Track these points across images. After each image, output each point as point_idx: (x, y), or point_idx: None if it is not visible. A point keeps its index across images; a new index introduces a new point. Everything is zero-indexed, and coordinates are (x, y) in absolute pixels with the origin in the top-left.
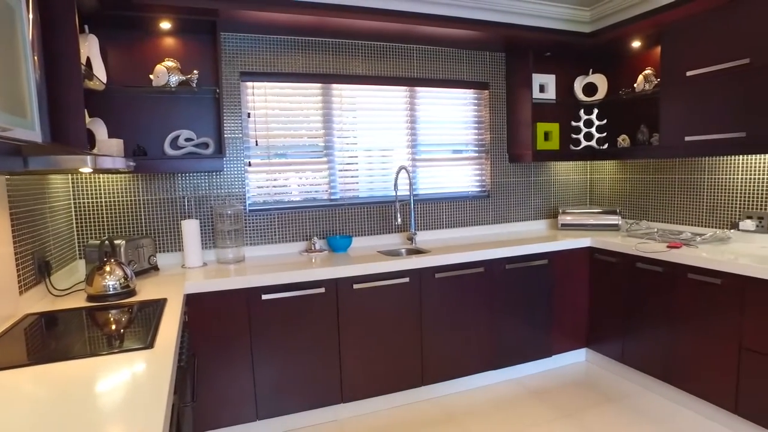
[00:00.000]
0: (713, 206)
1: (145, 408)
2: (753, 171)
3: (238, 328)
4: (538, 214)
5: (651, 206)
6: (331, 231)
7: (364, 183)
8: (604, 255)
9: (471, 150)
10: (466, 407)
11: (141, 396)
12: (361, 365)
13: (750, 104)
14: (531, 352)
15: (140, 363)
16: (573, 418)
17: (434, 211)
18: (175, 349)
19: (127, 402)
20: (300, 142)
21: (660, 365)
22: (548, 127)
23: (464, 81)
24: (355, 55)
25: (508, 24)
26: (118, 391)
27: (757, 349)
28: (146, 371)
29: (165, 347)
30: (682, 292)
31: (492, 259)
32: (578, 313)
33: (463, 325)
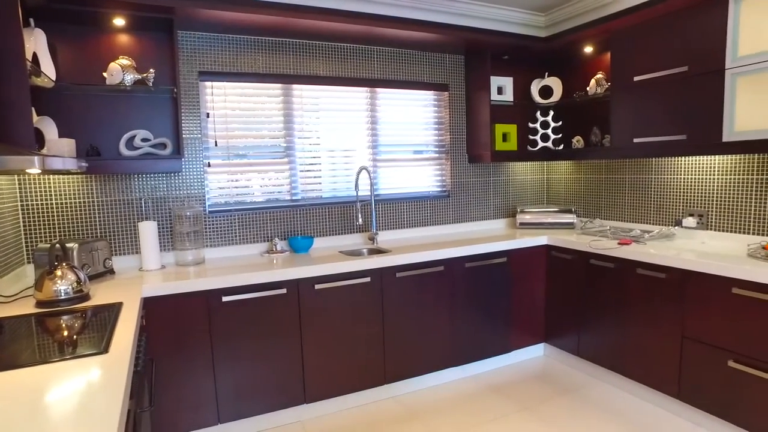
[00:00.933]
0: (660, 205)
1: (99, 415)
2: (694, 171)
3: (199, 330)
4: (497, 213)
5: (604, 205)
6: (293, 232)
7: (327, 183)
8: (560, 252)
9: (431, 150)
10: (428, 404)
11: (95, 403)
12: (323, 365)
13: (689, 109)
14: (491, 348)
15: (94, 369)
16: (530, 411)
17: (395, 211)
18: (131, 354)
19: (80, 409)
20: (260, 142)
21: (612, 357)
22: (506, 128)
23: (424, 82)
24: (316, 55)
25: (467, 27)
26: (70, 398)
27: (696, 338)
28: (100, 377)
29: (120, 352)
30: (631, 286)
31: (452, 258)
32: (536, 309)
33: (425, 324)
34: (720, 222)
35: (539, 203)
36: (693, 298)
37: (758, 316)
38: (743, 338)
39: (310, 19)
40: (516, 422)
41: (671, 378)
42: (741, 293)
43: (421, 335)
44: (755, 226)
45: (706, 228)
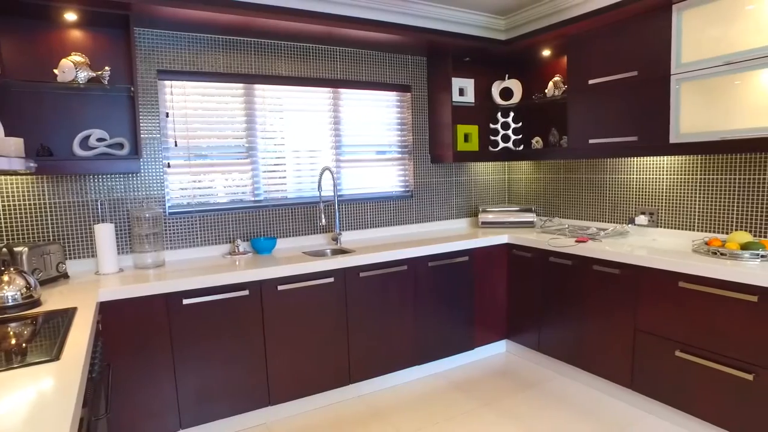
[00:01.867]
0: (614, 203)
1: (49, 424)
2: (645, 171)
3: (159, 334)
4: (459, 213)
5: (563, 204)
6: (256, 233)
7: (292, 184)
8: (521, 251)
9: (394, 151)
10: (393, 403)
11: (45, 412)
12: (288, 367)
13: (640, 112)
14: (454, 346)
15: (45, 377)
16: (492, 406)
17: (359, 211)
18: (84, 360)
19: (28, 419)
20: (223, 143)
21: (570, 351)
22: (468, 129)
23: (387, 83)
24: (279, 55)
25: (428, 29)
26: (18, 409)
27: (647, 330)
28: (51, 385)
29: (73, 359)
30: (588, 282)
31: (415, 258)
32: (498, 306)
33: (389, 323)
34: (669, 219)
35: (501, 203)
36: (644, 292)
37: (701, 307)
38: (689, 329)
39: (272, 18)
40: (478, 418)
41: (625, 369)
42: (686, 287)
43: (385, 335)
44: (699, 223)
45: (656, 225)
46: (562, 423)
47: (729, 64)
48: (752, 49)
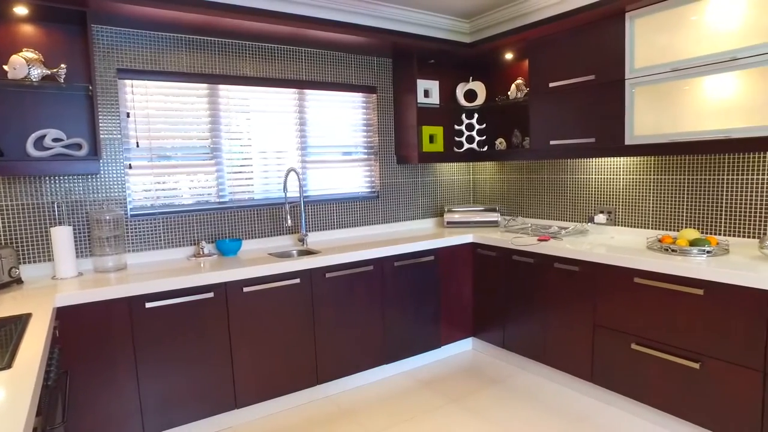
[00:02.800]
0: (575, 203)
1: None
2: (603, 172)
3: (120, 339)
4: (425, 213)
5: (525, 203)
6: (221, 234)
7: (259, 185)
8: (485, 250)
9: (360, 152)
10: (361, 402)
11: None
12: (254, 369)
13: (597, 115)
14: (421, 344)
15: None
16: (458, 403)
17: (325, 212)
18: (39, 368)
19: None
20: (188, 143)
21: (534, 347)
22: (433, 130)
23: (353, 84)
24: (243, 55)
25: (394, 31)
26: None
27: (605, 325)
28: (2, 395)
29: (27, 366)
30: (550, 279)
31: (381, 258)
32: (464, 304)
33: (356, 323)
34: (626, 218)
35: (466, 203)
36: (603, 288)
37: (655, 301)
38: (643, 323)
39: (238, 18)
40: (445, 414)
41: (585, 363)
42: (641, 282)
43: (352, 334)
44: (653, 221)
45: (614, 224)
46: (525, 417)
47: (676, 71)
48: (696, 57)
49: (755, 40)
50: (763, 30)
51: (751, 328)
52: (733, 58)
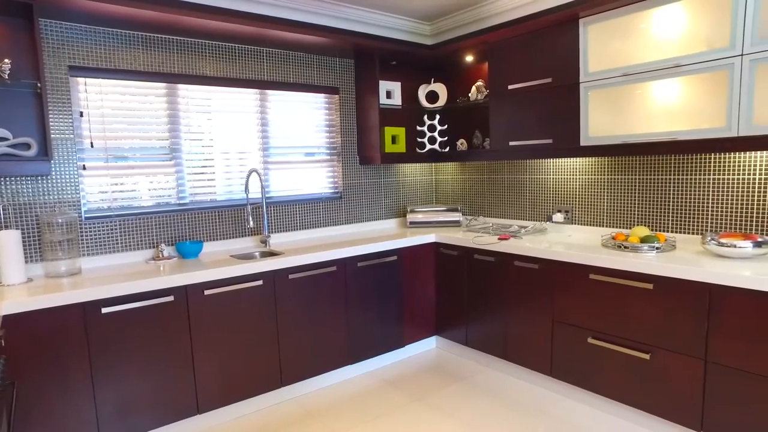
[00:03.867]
0: (534, 202)
1: None
2: (561, 172)
3: (74, 347)
4: (388, 213)
5: (487, 203)
6: (181, 237)
7: (222, 186)
8: (447, 249)
9: (323, 153)
10: (325, 403)
11: None
12: (217, 373)
13: (554, 116)
14: (385, 344)
15: None
16: (422, 401)
17: (288, 213)
18: None
19: None
20: (145, 144)
21: (496, 344)
22: (395, 131)
23: (315, 85)
24: (203, 55)
25: (356, 32)
26: None
27: (563, 321)
28: None
29: None
30: (510, 277)
31: (344, 258)
32: (427, 303)
33: (320, 324)
34: (582, 216)
35: (428, 203)
36: (560, 285)
37: (609, 297)
38: (599, 317)
39: (195, 17)
40: (409, 413)
41: (545, 358)
42: (596, 278)
43: (316, 335)
44: (608, 219)
45: (572, 222)
46: (487, 412)
47: (626, 75)
48: (644, 63)
49: (695, 49)
50: (702, 40)
51: (695, 319)
52: (676, 65)
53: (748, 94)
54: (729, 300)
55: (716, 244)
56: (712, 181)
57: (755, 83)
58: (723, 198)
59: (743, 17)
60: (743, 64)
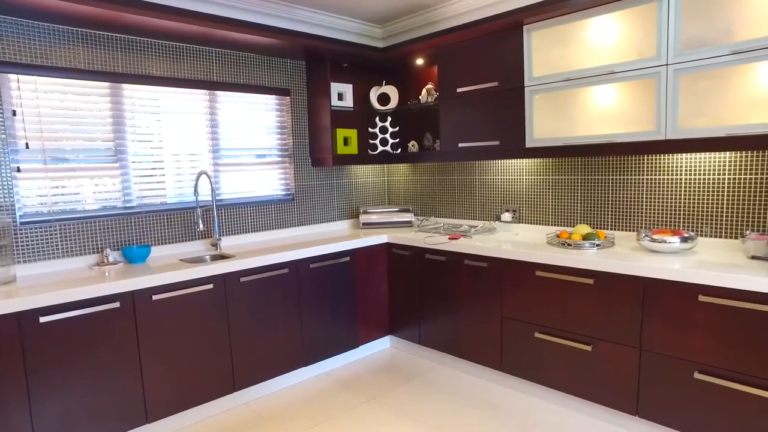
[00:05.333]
0: (483, 202)
1: None
2: (508, 173)
3: (7, 360)
4: (341, 214)
5: (438, 203)
6: (128, 241)
7: (172, 188)
8: (399, 249)
9: (275, 154)
10: (281, 406)
11: None
12: (166, 380)
13: (501, 119)
14: (339, 345)
15: None
16: (376, 400)
17: (240, 215)
18: None
19: None
20: (88, 145)
21: (448, 341)
22: (347, 132)
23: (266, 86)
24: (149, 54)
25: (307, 34)
26: None
27: (512, 317)
28: None
29: None
30: (460, 276)
31: (297, 260)
32: (380, 303)
33: (272, 327)
34: (529, 215)
35: (381, 204)
36: (509, 282)
37: (554, 292)
38: (545, 312)
39: (135, 14)
40: (364, 412)
41: (495, 353)
42: (542, 275)
43: (269, 338)
44: (553, 218)
45: (519, 221)
46: (440, 409)
47: (568, 80)
48: (584, 69)
49: (628, 57)
50: (634, 49)
51: (630, 311)
52: (611, 72)
53: (674, 101)
54: (660, 292)
55: (649, 240)
56: (645, 181)
57: (679, 91)
58: (655, 197)
59: (666, 30)
60: (668, 73)
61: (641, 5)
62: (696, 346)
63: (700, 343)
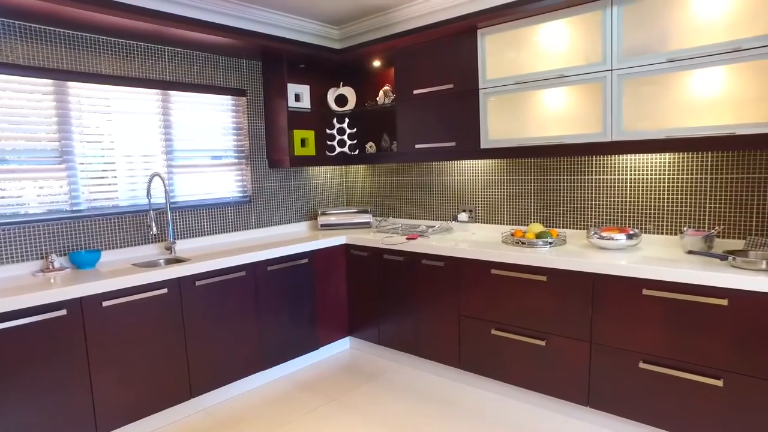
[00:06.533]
0: (440, 202)
1: None
2: (465, 173)
3: None
4: (299, 216)
5: (396, 204)
6: (76, 246)
7: (125, 191)
8: (358, 250)
9: (231, 156)
10: (239, 411)
11: None
12: (118, 389)
13: (457, 120)
14: (299, 347)
15: None
16: (337, 401)
17: (195, 218)
18: None
19: None
20: (30, 146)
21: (407, 341)
22: (304, 134)
23: (221, 87)
24: (97, 51)
25: (264, 34)
26: None
27: (469, 315)
28: None
29: None
30: (418, 276)
31: (254, 263)
32: (339, 305)
33: (230, 331)
34: (485, 215)
35: (339, 205)
36: (465, 281)
37: (509, 290)
38: (500, 309)
39: (80, 9)
40: (324, 414)
41: (453, 351)
42: (497, 273)
43: (227, 343)
44: (508, 217)
45: (475, 221)
46: (400, 408)
47: (519, 83)
48: (535, 73)
49: (576, 62)
50: (581, 54)
51: (581, 306)
52: (561, 76)
53: (618, 105)
54: (608, 287)
55: (598, 238)
56: (594, 181)
57: (623, 95)
58: (603, 196)
59: (611, 38)
60: (613, 78)
61: (588, 13)
62: (641, 337)
63: (645, 334)
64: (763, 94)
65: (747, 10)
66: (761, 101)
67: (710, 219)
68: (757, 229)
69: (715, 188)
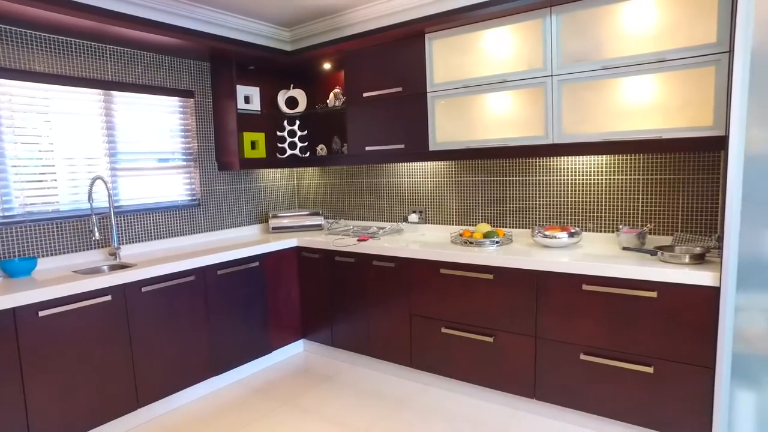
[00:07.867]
0: (391, 204)
1: None
2: (414, 175)
3: None
4: (250, 219)
5: (347, 206)
6: (8, 253)
7: (67, 195)
8: (309, 252)
9: (178, 158)
10: (190, 419)
11: None
12: (57, 404)
13: (405, 123)
14: (252, 351)
15: None
16: (291, 404)
17: (142, 222)
18: None
19: None
20: None
21: (360, 341)
22: (254, 136)
23: (167, 88)
24: (30, 47)
25: (212, 35)
26: None
27: (419, 314)
28: None
29: None
30: (369, 277)
31: (203, 267)
32: (292, 308)
33: (179, 337)
34: (435, 216)
35: (291, 208)
36: (415, 280)
37: (457, 288)
38: (449, 308)
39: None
40: (277, 418)
41: (405, 350)
42: (446, 272)
43: (176, 349)
44: (457, 218)
45: (426, 222)
46: (352, 408)
47: (466, 87)
48: (480, 77)
49: (519, 68)
50: (525, 60)
51: (526, 303)
52: (504, 81)
53: (559, 109)
54: (551, 283)
55: (542, 236)
56: (538, 182)
57: (562, 99)
58: (547, 196)
59: (551, 45)
60: (553, 83)
61: (529, 21)
62: (581, 330)
63: (585, 327)
64: (688, 102)
65: (669, 23)
66: (686, 108)
67: (643, 217)
68: (682, 226)
69: (647, 188)
